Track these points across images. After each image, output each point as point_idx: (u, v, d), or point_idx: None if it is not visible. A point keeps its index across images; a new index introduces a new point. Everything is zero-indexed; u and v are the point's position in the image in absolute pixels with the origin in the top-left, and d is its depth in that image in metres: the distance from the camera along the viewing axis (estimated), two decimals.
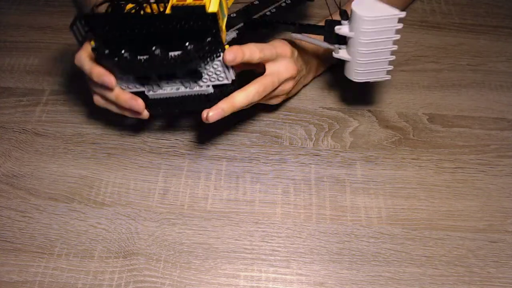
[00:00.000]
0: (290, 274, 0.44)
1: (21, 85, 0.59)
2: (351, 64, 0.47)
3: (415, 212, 0.48)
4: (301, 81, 0.53)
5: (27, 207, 0.48)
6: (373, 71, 0.47)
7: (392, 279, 0.43)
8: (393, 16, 0.42)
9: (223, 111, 0.42)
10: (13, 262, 0.44)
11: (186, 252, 0.45)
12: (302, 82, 0.54)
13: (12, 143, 0.53)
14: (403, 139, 0.54)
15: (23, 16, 0.68)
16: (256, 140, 0.53)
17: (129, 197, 0.49)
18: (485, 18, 0.68)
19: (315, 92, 0.58)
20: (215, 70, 0.42)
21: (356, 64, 0.46)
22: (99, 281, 0.43)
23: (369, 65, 0.46)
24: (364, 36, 0.43)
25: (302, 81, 0.54)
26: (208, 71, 0.42)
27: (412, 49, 0.64)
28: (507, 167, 0.51)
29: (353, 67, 0.47)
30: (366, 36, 0.43)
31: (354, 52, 0.45)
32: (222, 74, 0.42)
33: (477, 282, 0.43)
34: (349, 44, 0.46)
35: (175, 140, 0.53)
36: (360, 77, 0.48)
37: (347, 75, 0.49)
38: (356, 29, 0.43)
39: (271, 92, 0.46)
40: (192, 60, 0.40)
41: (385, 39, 0.44)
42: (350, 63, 0.47)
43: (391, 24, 0.43)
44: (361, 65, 0.46)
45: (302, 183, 0.50)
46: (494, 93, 0.59)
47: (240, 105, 0.43)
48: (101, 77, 0.42)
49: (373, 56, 0.45)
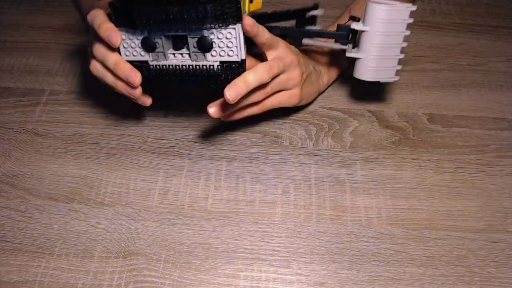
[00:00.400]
0: (290, 274, 0.44)
1: (21, 85, 0.59)
2: (363, 61, 0.48)
3: (415, 212, 0.48)
4: (312, 80, 0.53)
5: (27, 207, 0.48)
6: (384, 69, 0.49)
7: (392, 279, 0.43)
8: (406, 8, 0.45)
9: (239, 87, 0.41)
10: (13, 262, 0.44)
11: (186, 252, 0.45)
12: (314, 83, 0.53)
13: (12, 143, 0.53)
14: (403, 139, 0.54)
15: (23, 16, 0.68)
16: (256, 140, 0.53)
17: (129, 197, 0.49)
18: (485, 18, 0.68)
19: None
20: (227, 42, 0.41)
21: (369, 60, 0.48)
22: (99, 281, 0.43)
23: (381, 61, 0.48)
24: (379, 28, 0.45)
25: (314, 81, 0.53)
26: (220, 41, 0.41)
27: (412, 49, 0.64)
28: (507, 167, 0.51)
29: (365, 64, 0.48)
30: (380, 28, 0.45)
31: (367, 47, 0.47)
32: (233, 48, 0.42)
33: (477, 282, 0.43)
34: (362, 42, 0.48)
35: (175, 140, 0.53)
36: (371, 75, 0.49)
37: (357, 76, 0.50)
38: (371, 22, 0.45)
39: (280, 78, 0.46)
40: (208, 16, 0.39)
41: (397, 33, 0.46)
42: (361, 62, 0.49)
43: (403, 16, 0.45)
44: (373, 60, 0.48)
45: (302, 183, 0.50)
46: (494, 93, 0.59)
47: (253, 83, 0.42)
48: (108, 31, 0.42)
49: (385, 52, 0.47)
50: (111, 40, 0.42)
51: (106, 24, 0.42)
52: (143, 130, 0.54)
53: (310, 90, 0.53)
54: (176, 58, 0.43)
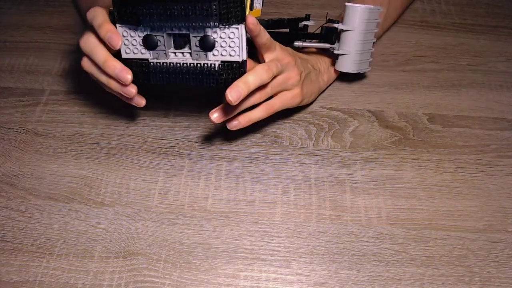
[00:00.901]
0: (290, 274, 0.44)
1: (21, 85, 0.59)
2: (349, 56, 0.53)
3: (415, 212, 0.48)
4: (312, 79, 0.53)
5: (27, 207, 0.48)
6: (364, 61, 0.55)
7: (392, 279, 0.43)
8: (378, 9, 0.53)
9: (241, 88, 0.42)
10: (13, 262, 0.44)
11: (186, 252, 0.45)
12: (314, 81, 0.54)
13: (12, 143, 0.53)
14: (403, 139, 0.54)
15: (23, 16, 0.68)
16: (256, 140, 0.53)
17: (129, 197, 0.49)
18: (485, 18, 0.68)
19: None
20: (229, 42, 0.41)
21: (354, 54, 0.53)
22: (99, 281, 0.43)
23: (362, 55, 0.54)
24: (362, 27, 0.52)
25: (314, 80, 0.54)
26: (222, 40, 0.41)
27: (412, 49, 0.64)
28: (507, 167, 0.51)
29: (351, 59, 0.54)
30: (363, 27, 0.52)
31: (352, 44, 0.53)
32: (235, 48, 0.42)
33: (477, 282, 0.43)
34: (346, 40, 0.53)
35: (175, 140, 0.53)
36: (356, 68, 0.55)
37: (341, 69, 0.55)
38: (352, 23, 0.52)
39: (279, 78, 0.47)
40: (212, 15, 0.39)
41: (371, 30, 0.54)
42: (346, 57, 0.54)
43: (376, 16, 0.53)
44: (357, 55, 0.53)
45: (302, 183, 0.50)
46: (494, 93, 0.59)
47: (254, 84, 0.42)
48: (109, 33, 0.41)
49: (365, 47, 0.54)
50: (111, 42, 0.41)
51: (107, 25, 0.42)
52: (143, 130, 0.54)
53: (311, 89, 0.53)
54: (177, 57, 0.43)
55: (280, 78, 0.47)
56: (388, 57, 0.62)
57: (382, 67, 0.61)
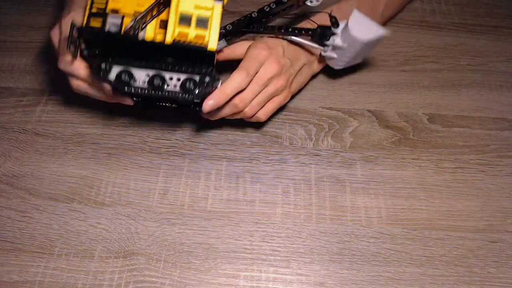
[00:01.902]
0: (290, 274, 0.44)
1: (21, 85, 0.59)
2: (337, 59, 0.53)
3: (415, 212, 0.48)
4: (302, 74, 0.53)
5: (27, 207, 0.48)
6: (355, 60, 0.54)
7: (392, 279, 0.43)
8: (381, 37, 0.49)
9: (217, 98, 0.43)
10: (13, 262, 0.44)
11: (186, 252, 0.45)
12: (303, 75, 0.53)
13: (12, 143, 0.53)
14: (403, 139, 0.54)
15: (23, 16, 0.68)
16: (256, 140, 0.53)
17: (129, 197, 0.49)
18: (485, 18, 0.68)
19: (315, 92, 0.58)
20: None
21: (342, 61, 0.53)
22: (99, 281, 0.43)
23: (353, 60, 0.53)
24: (356, 49, 0.50)
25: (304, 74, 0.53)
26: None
27: (412, 49, 0.64)
28: (507, 167, 0.51)
29: (338, 61, 0.53)
30: (357, 49, 0.50)
31: (342, 53, 0.51)
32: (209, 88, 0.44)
33: (477, 282, 0.43)
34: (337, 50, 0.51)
35: (175, 140, 0.53)
36: (344, 65, 0.54)
37: (329, 64, 0.54)
38: (349, 42, 0.49)
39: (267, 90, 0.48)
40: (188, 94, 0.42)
41: (371, 48, 0.52)
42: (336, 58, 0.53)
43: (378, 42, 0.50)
44: (346, 62, 0.53)
45: (302, 183, 0.50)
46: (494, 93, 0.59)
47: (231, 91, 0.44)
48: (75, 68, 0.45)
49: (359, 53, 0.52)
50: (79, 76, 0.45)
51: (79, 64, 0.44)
52: (143, 130, 0.54)
53: (301, 81, 0.54)
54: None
55: (269, 89, 0.48)
56: (388, 57, 0.62)
57: (382, 67, 0.61)
